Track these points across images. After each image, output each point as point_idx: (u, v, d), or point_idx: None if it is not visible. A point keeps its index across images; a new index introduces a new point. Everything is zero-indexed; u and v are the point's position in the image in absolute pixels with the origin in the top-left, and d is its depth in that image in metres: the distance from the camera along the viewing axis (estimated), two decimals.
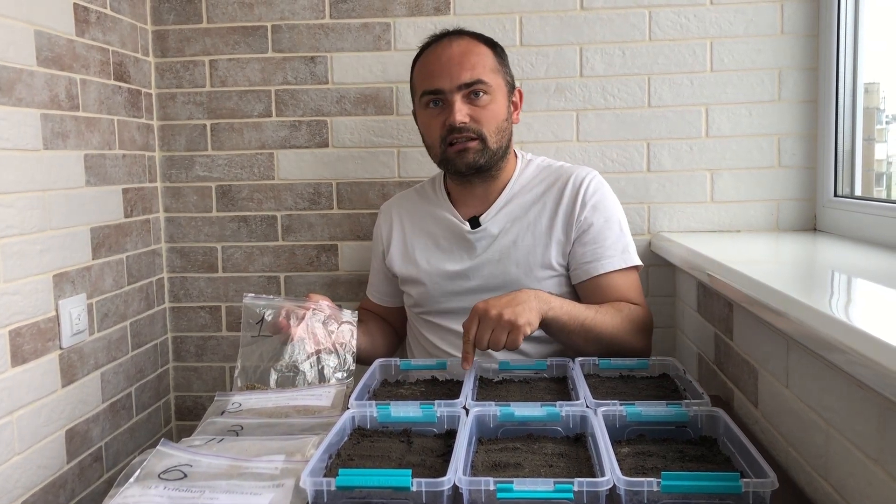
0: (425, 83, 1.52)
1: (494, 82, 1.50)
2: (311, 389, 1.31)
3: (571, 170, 1.59)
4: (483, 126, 1.49)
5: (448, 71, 1.49)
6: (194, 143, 1.95)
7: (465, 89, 1.48)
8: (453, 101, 1.48)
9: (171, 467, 1.02)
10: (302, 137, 1.93)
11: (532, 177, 1.60)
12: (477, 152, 1.51)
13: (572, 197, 1.55)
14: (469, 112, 1.48)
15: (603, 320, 1.43)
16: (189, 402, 2.01)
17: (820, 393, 0.99)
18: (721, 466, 1.00)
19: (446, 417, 1.14)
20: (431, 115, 1.52)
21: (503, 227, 1.56)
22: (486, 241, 1.56)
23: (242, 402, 1.29)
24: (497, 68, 1.52)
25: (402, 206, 1.68)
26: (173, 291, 1.99)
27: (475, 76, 1.48)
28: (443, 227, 1.60)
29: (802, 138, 1.81)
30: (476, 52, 1.51)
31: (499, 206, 1.57)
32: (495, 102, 1.50)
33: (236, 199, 1.96)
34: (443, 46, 1.52)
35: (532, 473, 0.98)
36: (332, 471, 0.99)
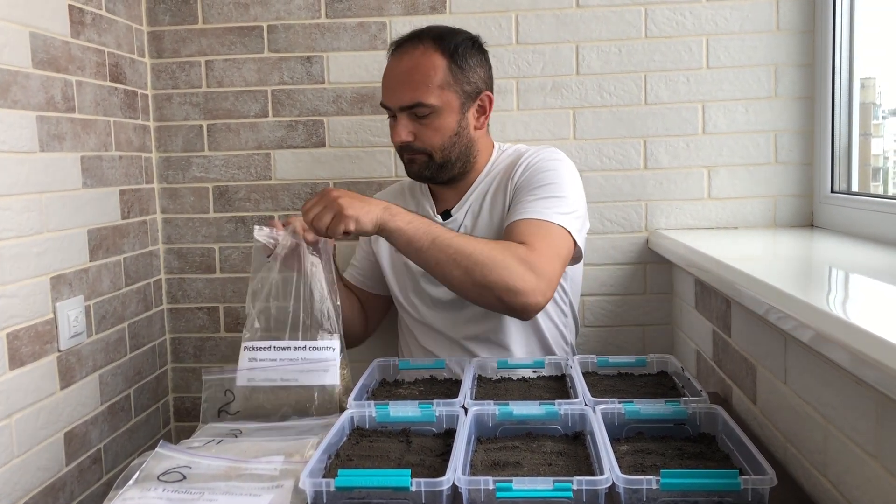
0: (382, 95, 1.53)
1: (440, 100, 1.46)
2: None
3: (530, 150, 1.57)
4: (426, 143, 1.49)
5: (392, 90, 1.49)
6: (191, 143, 1.95)
7: (406, 110, 1.47)
8: (398, 122, 1.49)
9: (170, 469, 1.02)
10: (298, 137, 1.93)
11: (502, 164, 1.59)
12: (422, 165, 1.52)
13: (516, 169, 1.53)
14: (413, 130, 1.48)
15: (463, 242, 1.33)
16: (188, 404, 2.01)
17: (818, 389, 0.99)
18: (720, 464, 1.00)
19: (445, 417, 1.14)
20: (390, 123, 1.54)
21: (469, 216, 1.57)
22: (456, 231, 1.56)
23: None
24: (448, 82, 1.47)
25: (391, 199, 1.67)
26: (171, 293, 1.99)
27: (415, 98, 1.45)
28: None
29: (799, 134, 1.82)
30: (425, 67, 1.46)
31: (467, 198, 1.58)
32: (440, 119, 1.47)
33: (233, 200, 1.95)
34: (396, 59, 1.50)
35: (531, 472, 0.98)
36: (332, 471, 0.99)
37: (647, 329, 1.90)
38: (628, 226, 1.86)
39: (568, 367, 1.36)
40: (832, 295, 1.07)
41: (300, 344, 1.28)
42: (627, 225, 1.87)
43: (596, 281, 1.89)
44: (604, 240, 1.87)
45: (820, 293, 1.07)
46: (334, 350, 1.28)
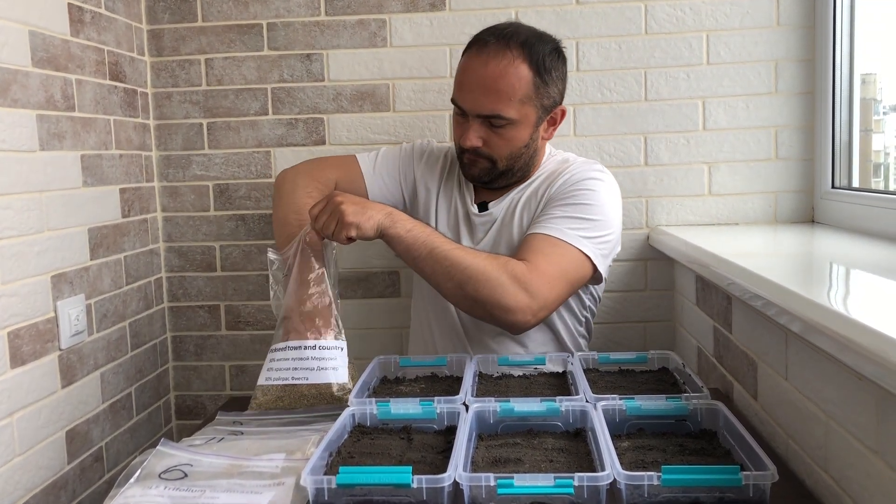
0: (455, 91, 1.48)
1: (520, 113, 1.42)
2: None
3: (577, 162, 1.56)
4: (494, 151, 1.46)
5: (472, 95, 1.43)
6: (191, 142, 1.95)
7: (483, 118, 1.44)
8: (470, 124, 1.45)
9: (172, 467, 1.02)
10: (299, 135, 1.93)
11: (546, 171, 1.57)
12: (483, 170, 1.50)
13: (556, 178, 1.51)
14: (483, 136, 1.45)
15: (460, 255, 1.34)
16: (189, 402, 2.01)
17: (819, 385, 0.99)
18: (721, 459, 1.00)
19: (446, 414, 1.14)
20: (456, 120, 1.50)
21: (505, 213, 1.55)
22: (487, 226, 1.56)
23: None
24: (530, 95, 1.42)
25: (436, 170, 1.65)
26: (172, 291, 1.99)
27: (496, 110, 1.41)
28: (460, 203, 1.60)
29: (799, 130, 1.81)
30: (510, 77, 1.40)
31: (510, 198, 1.56)
32: (515, 130, 1.44)
33: (234, 198, 1.95)
34: (480, 61, 1.42)
35: (532, 468, 0.98)
36: (333, 469, 0.99)
37: (648, 325, 1.90)
38: (629, 222, 1.86)
39: (569, 364, 1.36)
40: (833, 291, 1.07)
41: (310, 343, 1.31)
42: (628, 221, 1.86)
43: None
44: None
45: (821, 289, 1.07)
46: (342, 350, 1.32)
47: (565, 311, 1.55)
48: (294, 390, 1.29)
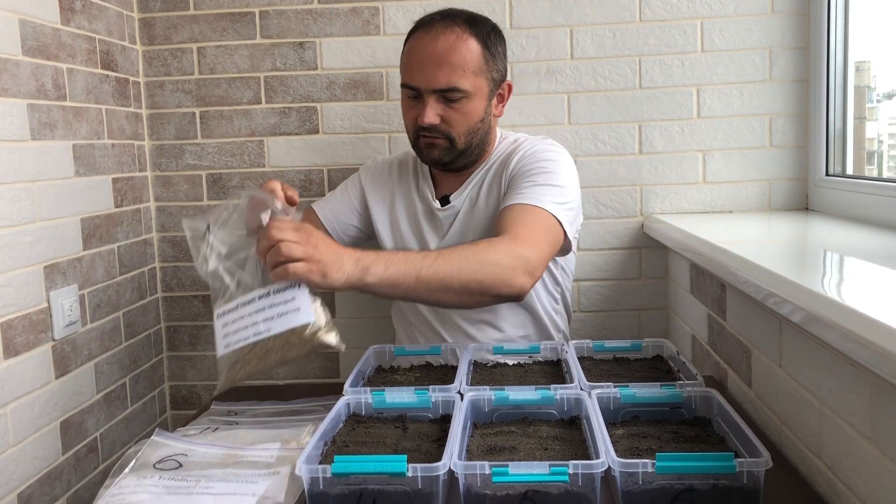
0: (405, 75, 1.48)
1: (474, 85, 1.45)
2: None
3: (529, 140, 1.57)
4: (452, 128, 1.47)
5: (425, 71, 1.44)
6: (183, 131, 1.94)
7: (439, 92, 1.44)
8: (426, 101, 1.45)
9: (167, 457, 1.02)
10: (292, 124, 1.92)
11: (502, 153, 1.58)
12: (443, 150, 1.49)
13: (513, 157, 1.52)
14: (441, 112, 1.45)
15: (447, 264, 1.25)
16: (184, 392, 2.01)
17: (813, 372, 0.99)
18: (715, 447, 1.00)
19: (441, 402, 1.14)
20: (408, 104, 1.50)
21: (467, 203, 1.56)
22: (450, 219, 1.57)
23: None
24: (482, 67, 1.45)
25: (385, 179, 1.66)
26: (166, 281, 1.98)
27: (451, 82, 1.42)
28: (421, 203, 1.61)
29: (794, 118, 1.81)
30: (461, 49, 1.43)
31: (467, 184, 1.57)
32: (471, 104, 1.46)
33: (227, 187, 1.95)
34: (429, 38, 1.45)
35: (527, 457, 0.98)
36: (328, 458, 0.99)
37: (642, 313, 1.90)
38: (623, 210, 1.86)
39: (563, 353, 1.36)
40: (827, 278, 1.07)
41: (262, 291, 1.14)
42: (622, 210, 1.86)
43: (591, 266, 1.89)
44: (599, 225, 1.87)
45: (816, 277, 1.07)
46: (300, 286, 1.13)
47: (540, 288, 1.57)
48: (259, 348, 1.12)
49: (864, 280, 1.06)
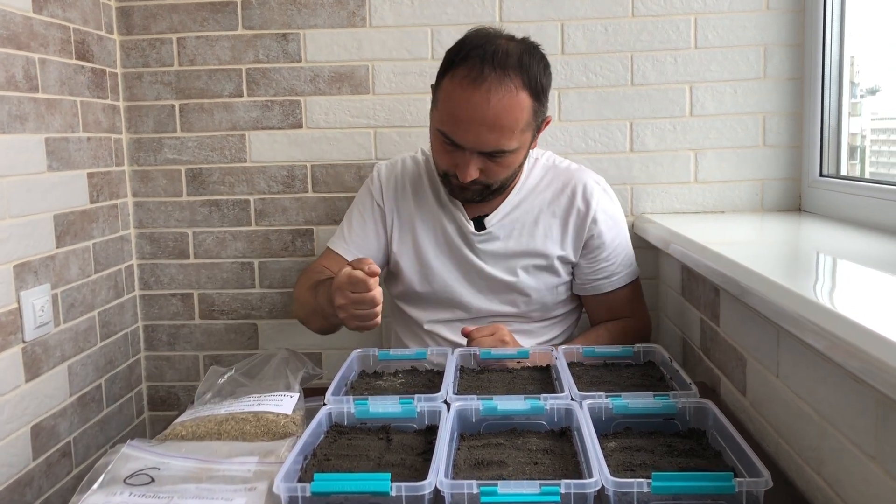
0: (445, 124, 1.36)
1: (520, 142, 1.37)
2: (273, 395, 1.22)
3: (579, 177, 1.53)
4: (490, 178, 1.41)
5: (474, 133, 1.33)
6: (162, 124, 1.88)
7: (484, 153, 1.37)
8: (468, 160, 1.36)
9: (138, 471, 0.97)
10: (275, 118, 1.86)
11: (539, 178, 1.54)
12: (475, 193, 1.44)
13: (583, 210, 1.50)
14: (481, 167, 1.38)
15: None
16: (162, 392, 1.96)
17: (813, 385, 0.96)
18: (711, 462, 0.97)
19: (427, 412, 1.09)
20: (443, 147, 1.39)
21: (510, 232, 1.51)
22: (490, 244, 1.51)
23: None
24: (530, 122, 1.37)
25: (401, 197, 1.57)
26: (143, 279, 1.92)
27: (499, 145, 1.34)
28: (449, 222, 1.53)
29: (788, 117, 1.78)
30: (514, 109, 1.32)
31: (506, 210, 1.51)
32: (514, 157, 1.39)
33: (207, 183, 1.89)
34: (479, 96, 1.31)
35: (516, 472, 0.94)
36: (308, 473, 0.94)
37: None
38: None
39: (553, 358, 1.32)
40: (827, 286, 1.03)
41: (255, 397, 1.19)
42: None
43: None
44: None
45: (815, 285, 1.04)
46: (293, 397, 1.19)
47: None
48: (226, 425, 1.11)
49: (866, 289, 1.03)
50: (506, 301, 1.52)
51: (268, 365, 1.35)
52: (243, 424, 1.12)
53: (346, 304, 1.27)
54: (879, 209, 1.42)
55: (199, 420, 1.13)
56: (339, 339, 1.89)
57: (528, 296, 1.52)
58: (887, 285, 1.01)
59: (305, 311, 1.52)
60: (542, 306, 1.54)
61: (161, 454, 1.01)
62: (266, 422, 1.12)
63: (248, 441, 1.09)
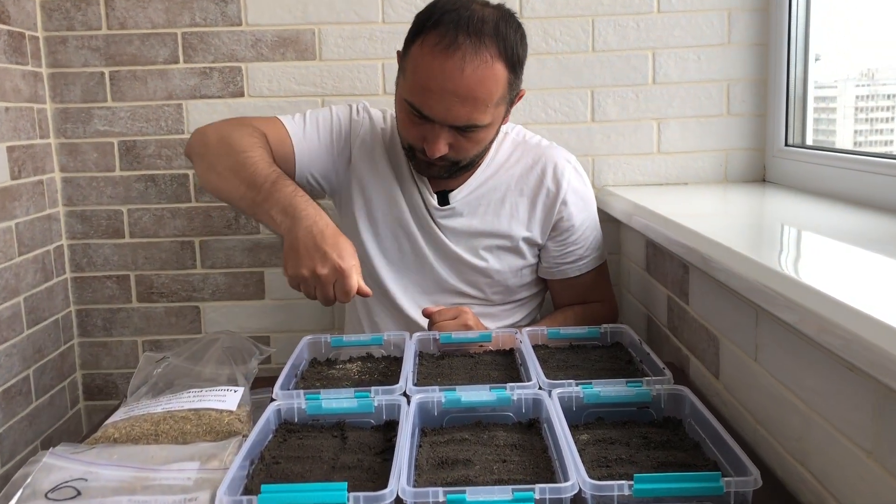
0: (414, 94, 1.25)
1: (494, 116, 1.28)
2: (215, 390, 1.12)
3: (549, 154, 1.45)
4: (460, 154, 1.31)
5: (445, 105, 1.23)
6: (91, 93, 1.73)
7: (454, 127, 1.27)
8: (437, 133, 1.26)
9: (62, 483, 0.87)
10: (214, 86, 1.73)
11: (507, 155, 1.45)
12: (442, 169, 1.35)
13: (553, 191, 1.42)
14: (451, 142, 1.28)
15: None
16: (99, 381, 1.83)
17: (798, 372, 0.90)
18: (690, 454, 0.91)
19: (385, 406, 1.01)
20: (410, 119, 1.29)
21: (475, 209, 1.42)
22: (453, 221, 1.42)
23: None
24: (505, 95, 1.27)
25: (373, 150, 1.45)
26: (75, 260, 1.79)
27: (472, 120, 1.25)
28: (407, 195, 1.43)
29: (752, 84, 1.72)
30: (488, 81, 1.23)
31: (472, 186, 1.42)
32: (485, 132, 1.30)
33: (142, 157, 1.76)
34: (453, 65, 1.20)
35: (484, 472, 0.86)
36: (255, 481, 0.85)
37: None
38: None
39: (517, 341, 1.25)
40: (810, 264, 0.97)
41: (196, 392, 1.09)
42: None
43: None
44: None
45: (794, 262, 0.98)
46: (237, 391, 1.09)
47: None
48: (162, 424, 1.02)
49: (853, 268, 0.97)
50: (466, 281, 1.44)
51: (209, 351, 1.25)
52: (183, 424, 1.02)
53: (322, 277, 1.15)
54: (848, 179, 1.38)
55: (134, 420, 1.03)
56: (289, 321, 1.80)
57: (491, 277, 1.44)
58: (875, 263, 0.95)
59: (231, 167, 1.28)
60: (504, 289, 1.46)
61: (88, 462, 0.90)
62: (208, 420, 1.03)
63: (188, 442, 0.99)
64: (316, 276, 1.15)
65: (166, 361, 1.20)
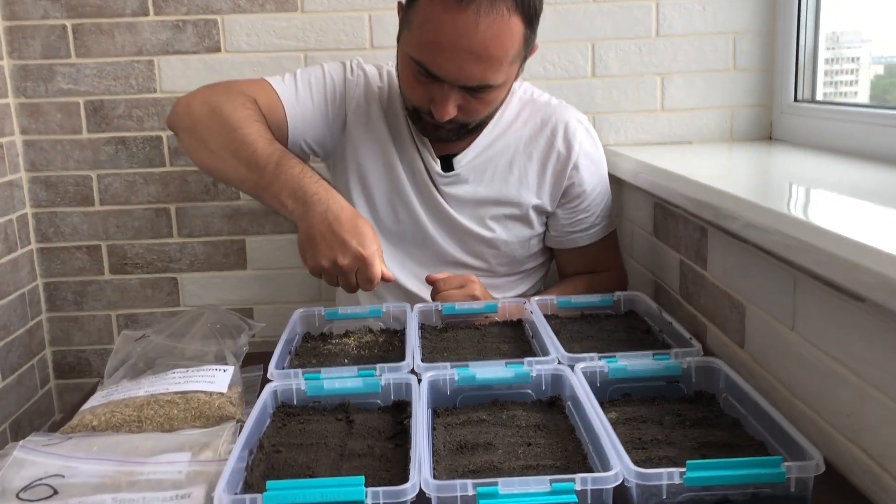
0: (423, 52, 1.14)
1: (508, 75, 1.18)
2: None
3: (560, 114, 1.34)
4: (469, 116, 1.21)
5: (457, 63, 1.12)
6: (53, 48, 1.60)
7: (465, 88, 1.17)
8: (447, 94, 1.16)
9: (36, 481, 0.77)
10: (188, 41, 1.60)
11: (515, 114, 1.35)
12: (450, 132, 1.25)
13: (564, 154, 1.32)
14: (461, 103, 1.18)
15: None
16: (70, 358, 1.72)
17: (847, 341, 0.82)
18: (730, 433, 0.83)
19: (392, 386, 0.92)
20: (415, 78, 1.18)
21: (480, 175, 1.32)
22: (457, 188, 1.33)
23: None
24: (520, 52, 1.17)
25: (371, 110, 1.34)
26: (41, 230, 1.66)
27: (485, 79, 1.14)
28: (407, 160, 1.33)
29: (760, 36, 1.63)
30: (504, 38, 1.12)
31: (477, 150, 1.32)
32: (497, 92, 1.20)
33: (111, 118, 1.63)
34: (466, 18, 1.09)
35: (509, 457, 0.78)
36: (255, 474, 0.76)
37: None
38: None
39: (526, 312, 1.16)
40: (854, 224, 0.89)
41: (181, 372, 1.01)
42: None
43: None
44: None
45: (833, 219, 0.90)
46: (226, 370, 1.01)
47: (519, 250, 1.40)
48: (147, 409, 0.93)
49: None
50: (471, 253, 1.35)
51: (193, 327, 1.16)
52: (169, 408, 0.92)
53: (344, 267, 1.06)
54: (864, 135, 1.31)
55: (114, 405, 0.93)
56: (273, 293, 1.70)
57: (497, 248, 1.35)
58: None
59: (227, 146, 1.16)
60: (511, 260, 1.37)
61: (65, 456, 0.81)
62: (197, 403, 0.93)
63: (175, 429, 0.90)
64: (337, 266, 1.06)
65: (146, 339, 1.10)
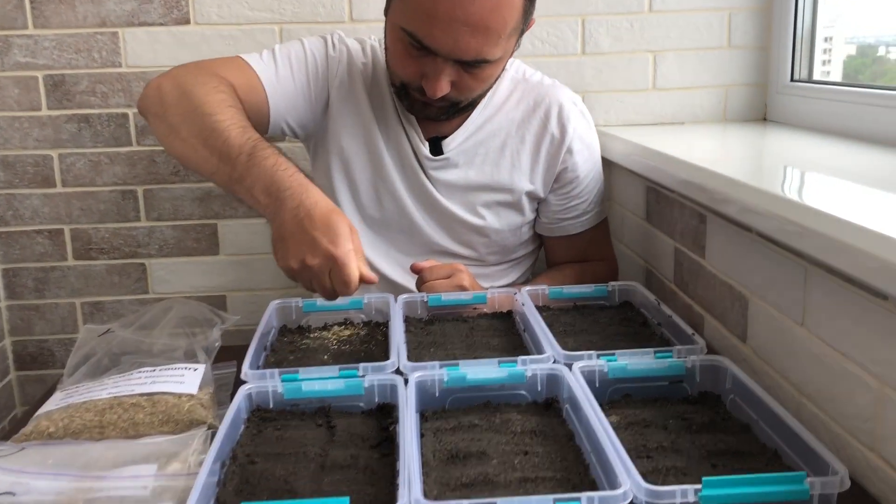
0: (415, 22, 1.06)
1: (504, 49, 1.11)
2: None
3: (553, 95, 1.28)
4: (462, 94, 1.14)
5: (453, 35, 1.05)
6: (7, 19, 1.50)
7: (459, 62, 1.09)
8: (440, 69, 1.09)
9: None
10: (155, 12, 1.51)
11: (507, 94, 1.28)
12: (440, 110, 1.18)
13: (557, 137, 1.26)
14: (455, 79, 1.11)
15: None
16: (31, 348, 1.64)
17: (866, 341, 0.77)
18: (740, 439, 0.78)
19: (377, 388, 0.86)
20: (406, 51, 1.10)
21: (471, 158, 1.26)
22: (446, 173, 1.26)
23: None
24: (517, 26, 1.10)
25: (354, 87, 1.25)
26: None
27: (481, 54, 1.07)
28: (395, 143, 1.25)
29: (756, 13, 1.57)
30: (502, 8, 1.05)
31: (468, 131, 1.25)
32: (492, 68, 1.13)
33: (73, 94, 1.53)
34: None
35: (505, 468, 0.72)
36: (228, 487, 0.69)
37: None
38: None
39: (517, 303, 1.10)
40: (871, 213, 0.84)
41: (147, 372, 0.94)
42: None
43: None
44: None
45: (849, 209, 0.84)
46: (197, 369, 0.94)
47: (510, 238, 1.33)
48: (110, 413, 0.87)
49: None
50: (459, 241, 1.29)
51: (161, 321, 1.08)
52: (134, 412, 0.85)
53: (314, 268, 0.92)
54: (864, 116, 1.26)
55: (73, 409, 0.86)
56: (247, 279, 1.62)
57: (488, 237, 1.28)
58: None
59: (198, 133, 1.04)
60: (501, 248, 1.31)
61: (16, 471, 0.73)
62: (165, 407, 0.86)
63: (141, 435, 0.83)
64: (307, 267, 0.92)
65: (111, 334, 1.03)
